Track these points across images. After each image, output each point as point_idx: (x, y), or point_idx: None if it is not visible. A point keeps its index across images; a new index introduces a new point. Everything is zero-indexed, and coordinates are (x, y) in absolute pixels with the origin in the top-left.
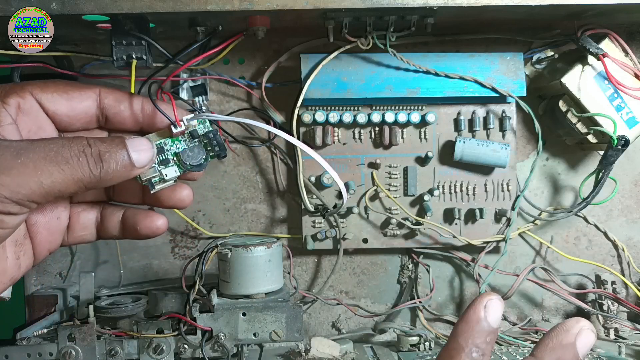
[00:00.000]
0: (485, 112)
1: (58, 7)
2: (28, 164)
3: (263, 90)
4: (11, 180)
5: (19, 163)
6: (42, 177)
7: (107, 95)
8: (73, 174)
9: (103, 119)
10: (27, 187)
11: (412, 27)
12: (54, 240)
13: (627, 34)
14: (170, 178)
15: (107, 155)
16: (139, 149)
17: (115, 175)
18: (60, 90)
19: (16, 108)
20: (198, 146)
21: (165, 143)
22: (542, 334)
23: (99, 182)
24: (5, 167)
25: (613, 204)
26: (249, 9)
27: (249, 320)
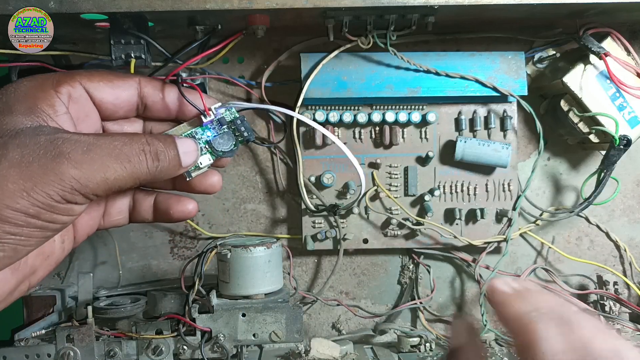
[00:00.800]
0: (486, 112)
1: (56, 6)
2: (96, 159)
3: (262, 90)
4: (81, 174)
5: (89, 158)
6: (107, 173)
7: (146, 84)
8: (133, 171)
9: (142, 107)
10: (94, 181)
11: (412, 26)
12: (92, 224)
13: (629, 33)
14: (204, 166)
15: (163, 154)
16: (187, 150)
17: (165, 174)
18: (105, 79)
19: (68, 96)
20: (227, 132)
21: (197, 132)
22: None
23: (152, 179)
24: (76, 161)
25: (615, 204)
26: (249, 8)
27: (249, 321)
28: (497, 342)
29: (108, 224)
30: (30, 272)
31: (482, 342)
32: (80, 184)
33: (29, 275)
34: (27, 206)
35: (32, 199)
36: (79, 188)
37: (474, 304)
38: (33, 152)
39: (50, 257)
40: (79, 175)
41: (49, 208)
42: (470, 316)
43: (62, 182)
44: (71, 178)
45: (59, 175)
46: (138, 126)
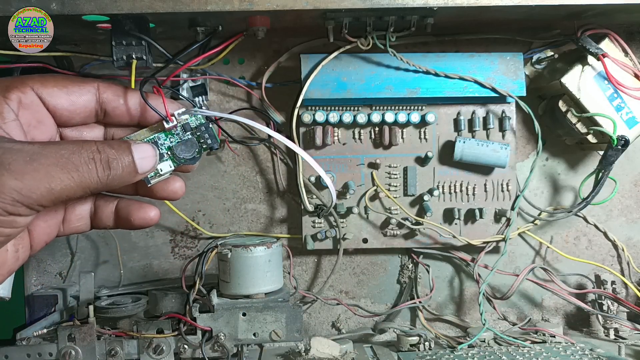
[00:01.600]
0: (485, 112)
1: (58, 7)
2: (40, 169)
3: (263, 90)
4: (23, 185)
5: (31, 169)
6: (52, 183)
7: (105, 90)
8: (82, 181)
9: (102, 113)
10: (38, 192)
11: (412, 27)
12: (50, 231)
13: (626, 34)
14: (165, 172)
15: (115, 162)
16: (143, 156)
17: (119, 181)
18: (59, 85)
19: (18, 103)
20: (191, 139)
21: (159, 137)
22: (542, 334)
23: (103, 187)
24: (17, 171)
25: (613, 204)
26: (249, 9)
27: (249, 320)
28: (496, 342)
29: (68, 230)
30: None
31: None
32: (22, 195)
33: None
34: None
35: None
36: (20, 199)
37: (473, 303)
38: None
39: (1, 267)
40: (20, 187)
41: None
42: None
43: (1, 195)
44: (11, 190)
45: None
46: (98, 132)
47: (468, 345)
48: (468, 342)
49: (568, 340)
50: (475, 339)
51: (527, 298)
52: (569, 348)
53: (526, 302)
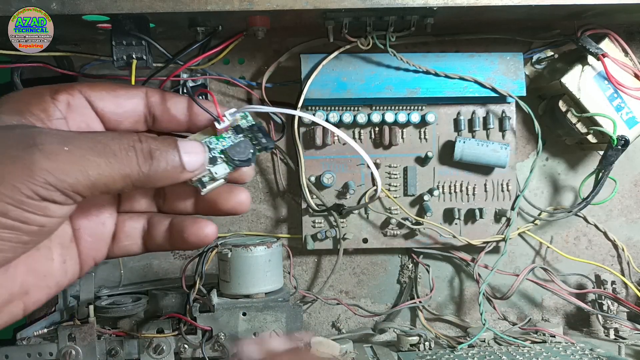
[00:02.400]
0: (485, 112)
1: (58, 7)
2: (75, 152)
3: (263, 90)
4: (56, 166)
5: (66, 151)
6: (88, 167)
7: (153, 94)
8: (120, 168)
9: (150, 118)
10: (72, 176)
11: (412, 27)
12: (99, 248)
13: (626, 34)
14: (220, 176)
15: (158, 153)
16: (190, 151)
17: (164, 176)
18: (108, 89)
19: (66, 105)
20: (244, 141)
21: (211, 142)
22: (542, 334)
23: (147, 181)
24: (50, 152)
25: (613, 204)
26: (249, 9)
27: (249, 320)
28: (496, 342)
29: (118, 250)
30: (21, 292)
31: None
32: (56, 178)
33: (19, 295)
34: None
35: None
36: (54, 182)
37: (473, 303)
38: (4, 143)
39: (47, 278)
40: (53, 168)
41: (18, 204)
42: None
43: (32, 174)
44: (43, 170)
45: (29, 166)
46: None
47: (468, 345)
48: (468, 342)
49: (568, 340)
50: (476, 339)
51: (527, 298)
52: (569, 348)
53: (526, 302)
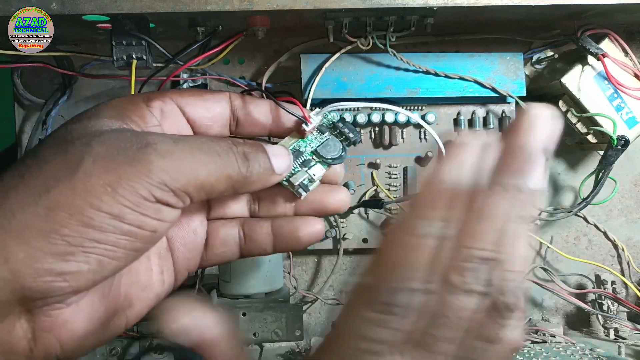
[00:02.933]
0: (485, 112)
1: (58, 7)
2: (185, 150)
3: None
4: (171, 164)
5: (178, 149)
6: (199, 166)
7: (236, 98)
8: (224, 168)
9: (234, 123)
10: (184, 175)
11: (412, 27)
12: (192, 257)
13: (626, 34)
14: (318, 176)
15: (252, 155)
16: (277, 154)
17: (258, 179)
18: (196, 95)
19: (160, 111)
20: (332, 139)
21: (299, 145)
22: (542, 334)
23: (244, 183)
24: (165, 151)
25: (613, 204)
26: (249, 9)
27: (249, 320)
28: None
29: (213, 258)
30: (125, 304)
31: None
32: (170, 177)
33: (123, 308)
34: (111, 204)
35: (117, 195)
36: (169, 182)
37: None
38: (118, 145)
39: (147, 289)
40: (168, 166)
41: (136, 206)
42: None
43: (149, 174)
44: (160, 169)
45: (147, 165)
46: None
47: None
48: None
49: (568, 340)
50: None
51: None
52: (569, 348)
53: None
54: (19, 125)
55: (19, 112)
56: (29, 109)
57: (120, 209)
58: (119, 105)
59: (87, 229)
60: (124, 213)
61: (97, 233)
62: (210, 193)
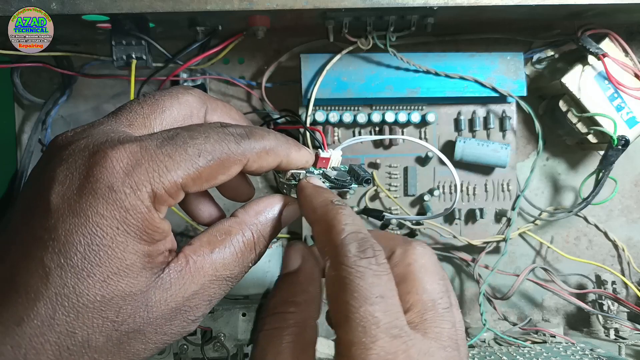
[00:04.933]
0: (485, 112)
1: (58, 7)
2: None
3: (263, 90)
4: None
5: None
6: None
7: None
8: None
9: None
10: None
11: (412, 27)
12: None
13: (627, 34)
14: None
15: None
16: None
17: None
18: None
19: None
20: (341, 173)
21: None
22: (542, 334)
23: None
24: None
25: (613, 204)
26: (249, 9)
27: (249, 321)
28: (497, 342)
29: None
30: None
31: (317, 263)
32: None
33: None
34: None
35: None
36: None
37: (473, 303)
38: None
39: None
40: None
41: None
42: (304, 243)
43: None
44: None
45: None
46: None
47: (468, 345)
48: (468, 343)
49: (568, 340)
50: (476, 339)
51: (527, 298)
52: (569, 348)
53: (526, 302)
54: (18, 125)
55: (19, 112)
56: (28, 108)
57: None
58: (122, 208)
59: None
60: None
61: None
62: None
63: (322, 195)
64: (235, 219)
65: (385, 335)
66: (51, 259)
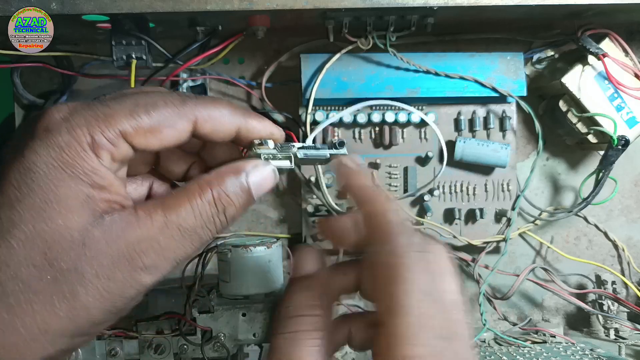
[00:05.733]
0: (485, 112)
1: (58, 7)
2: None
3: (263, 90)
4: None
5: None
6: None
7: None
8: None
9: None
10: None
11: (412, 27)
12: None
13: (627, 34)
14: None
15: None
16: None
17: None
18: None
19: (110, 159)
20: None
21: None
22: (542, 334)
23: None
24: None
25: (613, 204)
26: (249, 9)
27: (249, 321)
28: (497, 342)
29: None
30: None
31: (328, 269)
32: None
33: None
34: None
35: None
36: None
37: (473, 303)
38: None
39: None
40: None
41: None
42: (316, 246)
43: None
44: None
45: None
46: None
47: None
48: None
49: (568, 340)
50: (476, 339)
51: (527, 298)
52: (569, 348)
53: (526, 302)
54: (18, 125)
55: (19, 112)
56: (28, 108)
57: None
58: (57, 145)
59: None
60: None
61: None
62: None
63: (361, 178)
64: (194, 180)
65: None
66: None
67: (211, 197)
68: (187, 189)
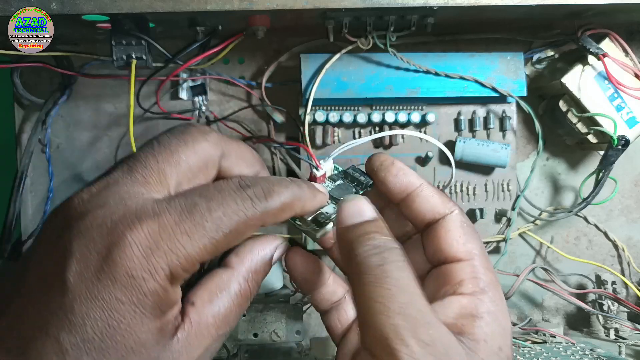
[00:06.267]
0: (485, 112)
1: (58, 7)
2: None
3: (263, 90)
4: None
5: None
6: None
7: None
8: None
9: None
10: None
11: (412, 27)
12: None
13: (627, 34)
14: (330, 215)
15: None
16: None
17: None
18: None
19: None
20: (344, 184)
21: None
22: (542, 334)
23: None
24: None
25: (613, 204)
26: (249, 9)
27: (249, 321)
28: None
29: None
30: None
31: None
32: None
33: None
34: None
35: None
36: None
37: None
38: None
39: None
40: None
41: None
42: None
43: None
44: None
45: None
46: None
47: None
48: None
49: (568, 340)
50: None
51: (527, 298)
52: (569, 348)
53: (526, 302)
54: (18, 125)
55: (19, 112)
56: (28, 108)
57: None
58: (141, 293)
59: None
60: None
61: None
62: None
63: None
64: (231, 272)
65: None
66: (67, 338)
67: (248, 291)
68: (228, 286)
